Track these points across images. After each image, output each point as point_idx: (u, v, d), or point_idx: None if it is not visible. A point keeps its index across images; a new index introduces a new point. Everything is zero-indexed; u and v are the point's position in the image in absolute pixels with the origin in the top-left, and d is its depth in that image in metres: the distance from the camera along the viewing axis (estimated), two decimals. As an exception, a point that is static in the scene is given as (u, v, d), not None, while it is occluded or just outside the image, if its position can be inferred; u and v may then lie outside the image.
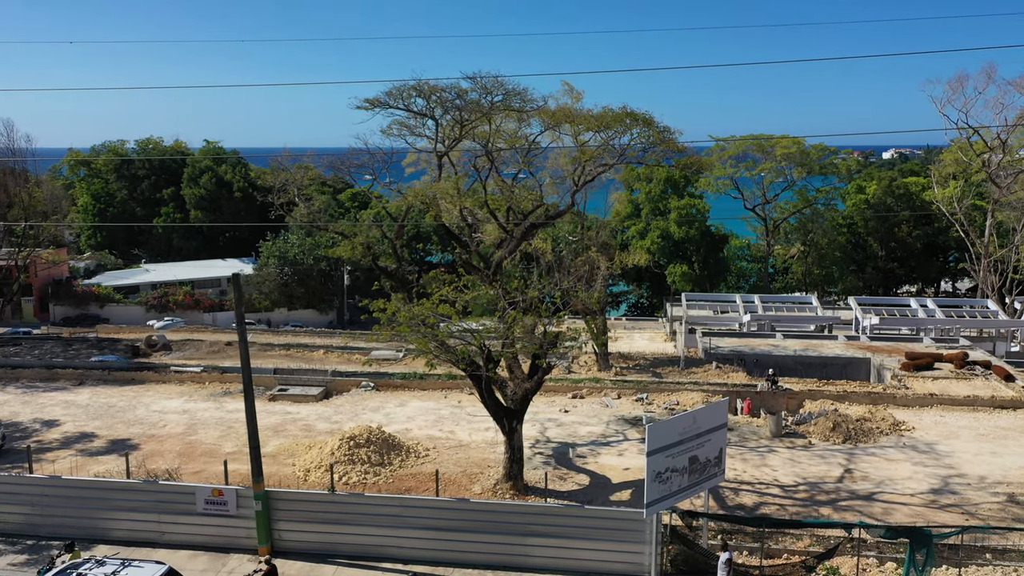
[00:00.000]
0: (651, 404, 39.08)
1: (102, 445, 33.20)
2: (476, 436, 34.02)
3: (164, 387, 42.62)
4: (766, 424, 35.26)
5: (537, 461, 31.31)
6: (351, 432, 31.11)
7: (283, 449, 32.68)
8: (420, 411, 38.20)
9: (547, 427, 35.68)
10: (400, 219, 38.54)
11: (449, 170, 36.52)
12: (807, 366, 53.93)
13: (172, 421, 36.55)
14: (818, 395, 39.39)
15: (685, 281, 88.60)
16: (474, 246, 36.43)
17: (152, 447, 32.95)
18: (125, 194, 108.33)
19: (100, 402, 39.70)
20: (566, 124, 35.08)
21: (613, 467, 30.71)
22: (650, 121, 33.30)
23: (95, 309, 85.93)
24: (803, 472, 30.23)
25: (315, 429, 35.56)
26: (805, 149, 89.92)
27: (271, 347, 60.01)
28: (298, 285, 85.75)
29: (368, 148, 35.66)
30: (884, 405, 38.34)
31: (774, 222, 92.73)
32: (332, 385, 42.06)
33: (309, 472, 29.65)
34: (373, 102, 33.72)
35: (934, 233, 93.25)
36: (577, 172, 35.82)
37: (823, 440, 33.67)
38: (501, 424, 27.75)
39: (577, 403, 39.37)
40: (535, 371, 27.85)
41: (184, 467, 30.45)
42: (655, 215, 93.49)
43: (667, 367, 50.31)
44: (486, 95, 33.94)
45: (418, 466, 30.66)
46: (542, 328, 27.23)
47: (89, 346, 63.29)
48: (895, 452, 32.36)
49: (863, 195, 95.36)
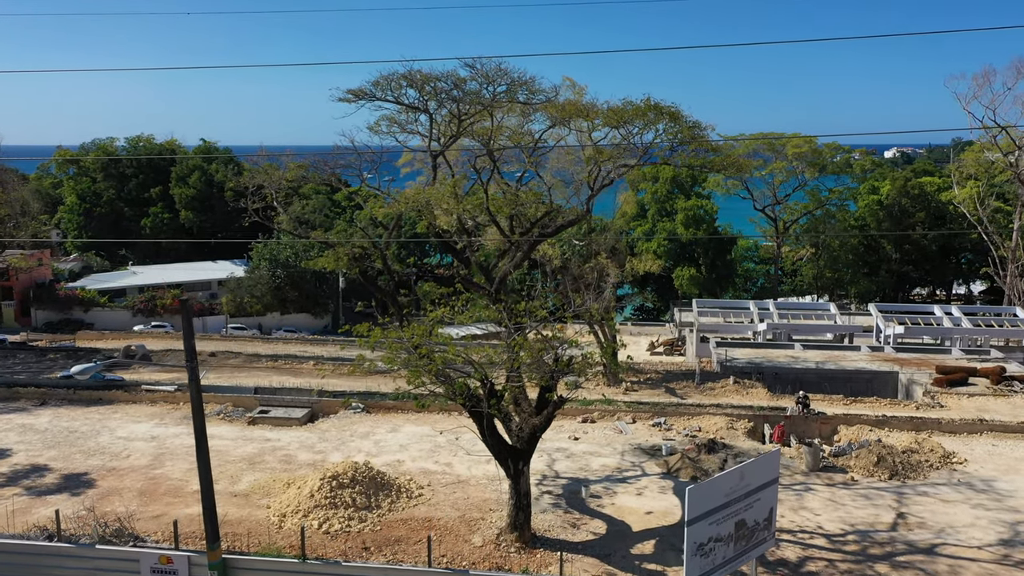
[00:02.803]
0: (670, 430, 35.38)
1: (54, 481, 29.43)
2: (476, 470, 30.28)
3: (134, 408, 38.86)
4: (800, 456, 31.55)
5: (545, 502, 27.57)
6: (334, 470, 27.34)
7: (258, 487, 28.94)
8: (414, 437, 34.49)
9: (555, 458, 31.96)
10: (390, 229, 34.67)
11: (445, 171, 32.65)
12: (829, 380, 50.28)
13: (137, 450, 32.80)
14: (854, 420, 35.70)
15: (693, 285, 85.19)
16: (474, 251, 32.69)
17: (110, 484, 29.19)
18: (112, 193, 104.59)
19: (61, 426, 35.96)
20: (578, 119, 31.15)
21: (632, 510, 26.98)
22: (677, 115, 29.38)
23: (79, 313, 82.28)
24: (849, 517, 26.49)
25: (296, 461, 31.82)
26: (817, 148, 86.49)
27: (258, 358, 56.30)
28: (291, 288, 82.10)
29: (355, 146, 31.74)
30: (928, 432, 34.64)
31: (784, 223, 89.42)
32: (318, 407, 38.32)
33: (285, 518, 25.89)
34: (357, 93, 29.74)
35: (950, 235, 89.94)
36: (592, 174, 31.87)
37: (866, 475, 29.95)
38: (506, 466, 23.99)
39: (588, 428, 35.66)
40: (544, 404, 24.13)
41: (143, 510, 26.69)
42: (661, 216, 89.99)
43: (681, 382, 46.61)
44: (487, 85, 29.97)
45: (410, 509, 26.92)
46: (553, 355, 23.51)
47: (65, 356, 59.68)
48: (950, 491, 28.63)
49: (876, 196, 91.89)
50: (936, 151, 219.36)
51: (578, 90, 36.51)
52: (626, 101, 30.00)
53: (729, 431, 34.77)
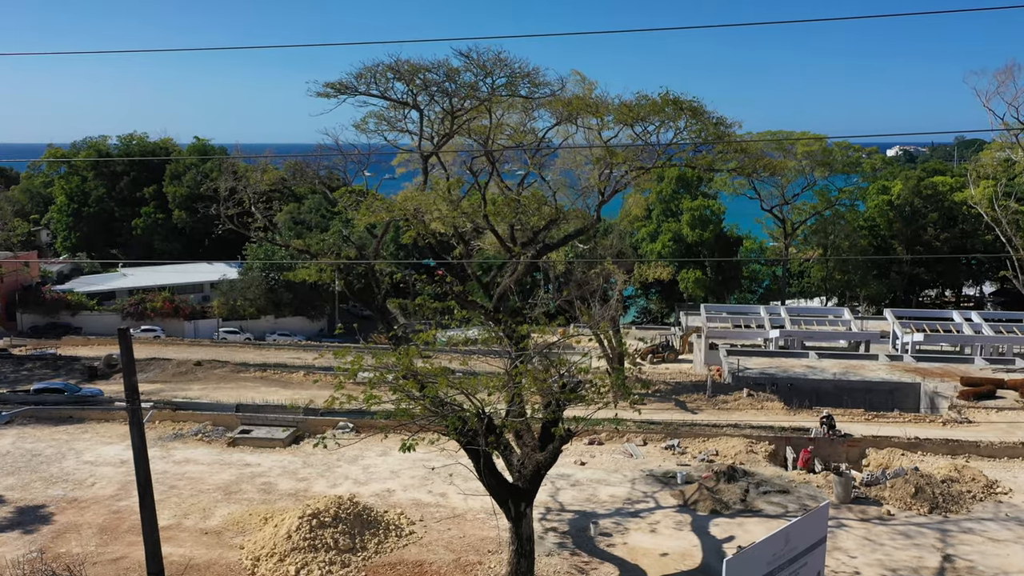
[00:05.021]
0: (684, 454, 32.63)
1: (7, 515, 26.68)
2: (473, 502, 27.48)
3: (105, 427, 36.14)
4: (829, 485, 28.82)
5: (550, 542, 24.84)
6: (315, 507, 24.60)
7: (232, 521, 26.21)
8: (406, 462, 31.67)
9: (560, 487, 29.22)
10: (378, 239, 31.71)
11: (439, 173, 29.80)
12: (848, 392, 47.61)
13: (103, 477, 30.09)
14: (884, 442, 32.96)
15: (698, 287, 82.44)
16: (470, 257, 29.87)
17: (69, 518, 26.46)
18: (103, 192, 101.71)
19: (24, 448, 33.25)
20: (587, 116, 28.16)
21: (646, 552, 24.25)
22: (699, 110, 26.43)
23: (67, 317, 79.44)
24: (890, 560, 23.74)
25: (276, 490, 29.08)
26: (827, 147, 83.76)
27: (245, 368, 53.59)
28: (285, 291, 79.35)
29: (339, 146, 28.86)
30: (966, 456, 31.91)
31: (792, 224, 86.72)
32: (304, 426, 35.59)
33: (259, 562, 23.16)
34: (338, 87, 26.84)
35: (962, 236, 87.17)
36: (602, 178, 28.93)
37: (903, 508, 27.20)
38: (506, 509, 21.22)
39: (595, 451, 32.94)
40: (549, 437, 21.38)
41: (101, 552, 23.99)
42: (667, 216, 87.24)
43: (692, 394, 43.89)
44: (484, 77, 27.00)
45: (400, 550, 24.18)
46: (560, 381, 20.74)
47: (43, 365, 56.96)
48: (998, 528, 25.89)
49: (886, 196, 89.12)
50: (939, 149, 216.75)
51: (588, 85, 33.66)
52: (641, 95, 27.14)
53: (749, 455, 32.04)
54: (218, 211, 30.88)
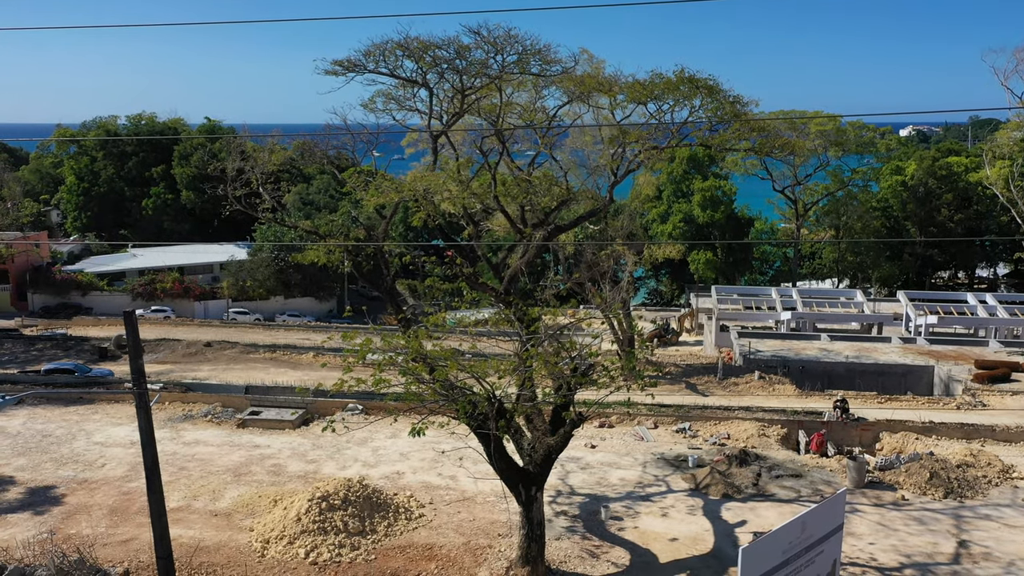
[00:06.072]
0: (695, 437, 32.40)
1: (18, 496, 26.73)
2: (483, 485, 27.35)
3: (115, 408, 36.15)
4: (843, 470, 28.53)
5: (560, 526, 24.68)
6: (324, 489, 24.48)
7: (242, 503, 26.15)
8: (416, 445, 31.49)
9: (570, 470, 29.05)
10: (386, 220, 31.34)
11: (449, 153, 29.38)
12: (861, 375, 47.22)
13: (113, 458, 30.08)
14: (898, 426, 32.64)
15: (709, 268, 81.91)
16: (479, 238, 29.48)
17: (79, 499, 26.47)
18: (112, 172, 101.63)
19: (35, 429, 33.28)
20: (599, 94, 27.69)
21: (657, 536, 24.05)
22: (715, 88, 25.88)
23: (77, 298, 79.62)
24: (904, 546, 23.48)
25: (286, 472, 29.01)
26: (841, 127, 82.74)
27: (255, 348, 53.63)
28: (295, 271, 79.26)
29: (348, 125, 28.44)
30: (981, 441, 31.57)
31: (804, 204, 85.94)
32: (313, 408, 35.50)
33: (268, 544, 23.08)
34: (346, 64, 26.38)
35: (977, 217, 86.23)
36: (615, 158, 28.47)
37: (918, 493, 26.89)
38: (516, 493, 21.04)
39: (606, 434, 32.73)
40: (560, 422, 21.15)
41: (111, 533, 23.97)
42: (677, 197, 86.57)
43: (702, 376, 43.63)
44: (495, 54, 26.48)
45: (409, 533, 24.07)
46: (571, 364, 20.48)
47: (54, 346, 57.05)
48: (1015, 514, 25.58)
49: (900, 176, 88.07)
50: (953, 129, 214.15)
51: (596, 64, 33.06)
52: (655, 73, 26.57)
53: (761, 438, 31.77)
54: (226, 192, 30.57)
